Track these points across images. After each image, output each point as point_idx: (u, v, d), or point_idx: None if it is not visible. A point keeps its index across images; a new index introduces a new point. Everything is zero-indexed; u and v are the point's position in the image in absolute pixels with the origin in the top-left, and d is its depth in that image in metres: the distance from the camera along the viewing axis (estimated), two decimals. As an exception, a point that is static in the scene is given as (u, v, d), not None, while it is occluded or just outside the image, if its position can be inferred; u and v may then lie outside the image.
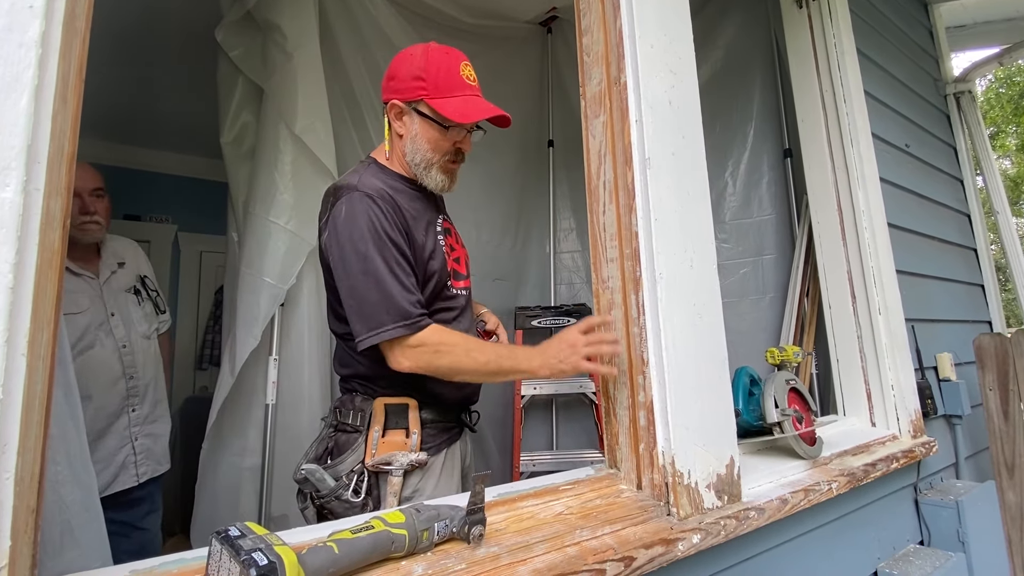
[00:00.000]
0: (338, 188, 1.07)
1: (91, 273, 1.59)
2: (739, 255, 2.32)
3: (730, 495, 0.97)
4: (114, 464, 1.55)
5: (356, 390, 1.13)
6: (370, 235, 1.00)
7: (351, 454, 1.07)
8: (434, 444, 1.12)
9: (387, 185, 1.09)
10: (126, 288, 1.68)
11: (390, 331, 0.99)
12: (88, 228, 1.56)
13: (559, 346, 1.01)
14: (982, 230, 2.43)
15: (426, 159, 1.12)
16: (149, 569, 0.62)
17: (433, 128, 1.10)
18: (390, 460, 1.04)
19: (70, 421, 0.68)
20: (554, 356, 1.00)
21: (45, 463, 0.56)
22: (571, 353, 0.99)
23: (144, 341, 1.67)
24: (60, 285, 0.59)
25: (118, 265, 1.69)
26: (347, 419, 1.11)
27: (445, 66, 1.09)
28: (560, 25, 2.82)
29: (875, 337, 1.59)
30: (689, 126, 1.07)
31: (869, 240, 1.63)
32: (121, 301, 1.64)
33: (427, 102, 1.08)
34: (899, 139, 2.01)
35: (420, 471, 1.08)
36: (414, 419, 1.09)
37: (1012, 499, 1.70)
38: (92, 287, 1.58)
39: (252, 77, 1.91)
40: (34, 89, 0.54)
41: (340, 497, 1.03)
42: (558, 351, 1.00)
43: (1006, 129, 9.88)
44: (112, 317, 1.59)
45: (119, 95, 2.89)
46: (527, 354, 1.03)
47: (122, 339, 1.59)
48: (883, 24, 2.12)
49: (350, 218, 1.02)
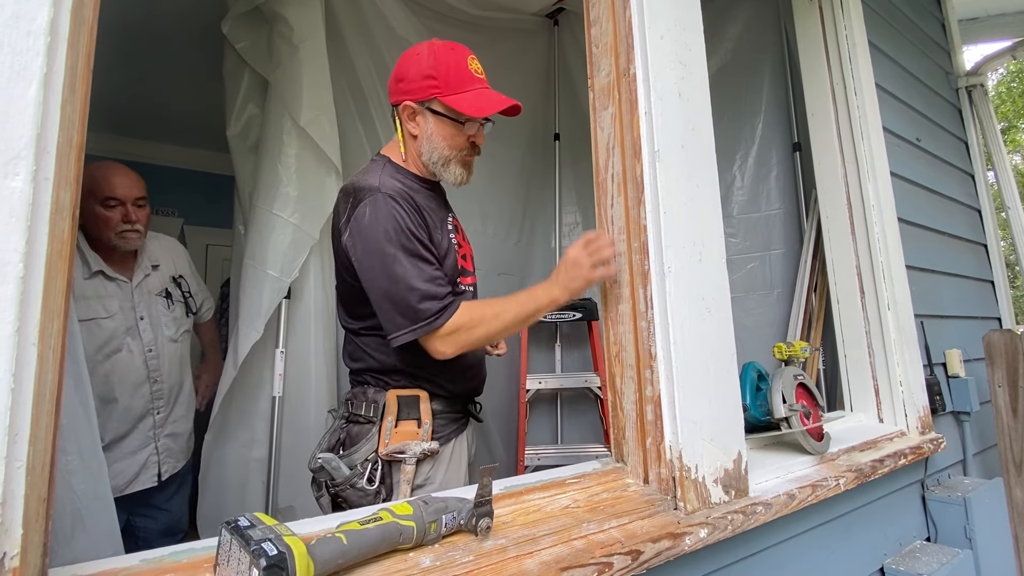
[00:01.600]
0: (358, 189, 1.07)
1: (125, 277, 1.59)
2: (747, 250, 2.30)
3: (737, 490, 0.96)
4: (135, 464, 1.56)
5: (368, 383, 1.15)
6: (396, 236, 1.02)
7: (365, 443, 1.09)
8: (444, 434, 1.15)
9: (405, 186, 1.10)
10: (157, 291, 1.68)
11: (424, 326, 1.02)
12: (128, 236, 1.56)
13: (567, 269, 1.05)
14: (993, 226, 2.40)
15: (444, 156, 1.13)
16: (159, 558, 0.63)
17: (448, 125, 1.11)
18: (403, 449, 1.07)
19: (81, 411, 0.69)
20: (566, 279, 1.05)
21: (56, 453, 0.56)
22: (579, 270, 1.03)
23: (171, 344, 1.67)
24: (70, 275, 0.59)
25: (152, 268, 1.68)
26: (360, 411, 1.13)
27: (454, 62, 1.09)
28: (567, 17, 2.80)
29: (883, 333, 1.57)
30: (699, 118, 1.06)
31: (879, 235, 1.61)
32: (151, 304, 1.64)
33: (441, 100, 1.09)
34: (910, 133, 1.98)
35: (431, 460, 1.11)
36: (425, 410, 1.12)
37: (1020, 496, 1.69)
38: (124, 291, 1.58)
39: (258, 69, 1.91)
40: (43, 78, 0.54)
41: (355, 485, 1.06)
42: (567, 273, 1.05)
43: (1018, 124, 9.76)
44: (141, 321, 1.59)
45: (125, 87, 2.89)
46: (543, 290, 1.07)
47: (149, 343, 1.60)
48: (895, 16, 2.08)
49: (375, 220, 1.02)
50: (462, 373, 1.18)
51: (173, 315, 1.69)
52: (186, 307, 1.76)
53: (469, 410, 1.25)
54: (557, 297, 1.06)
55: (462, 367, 1.17)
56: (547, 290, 1.07)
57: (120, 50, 2.49)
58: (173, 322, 1.69)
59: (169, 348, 1.66)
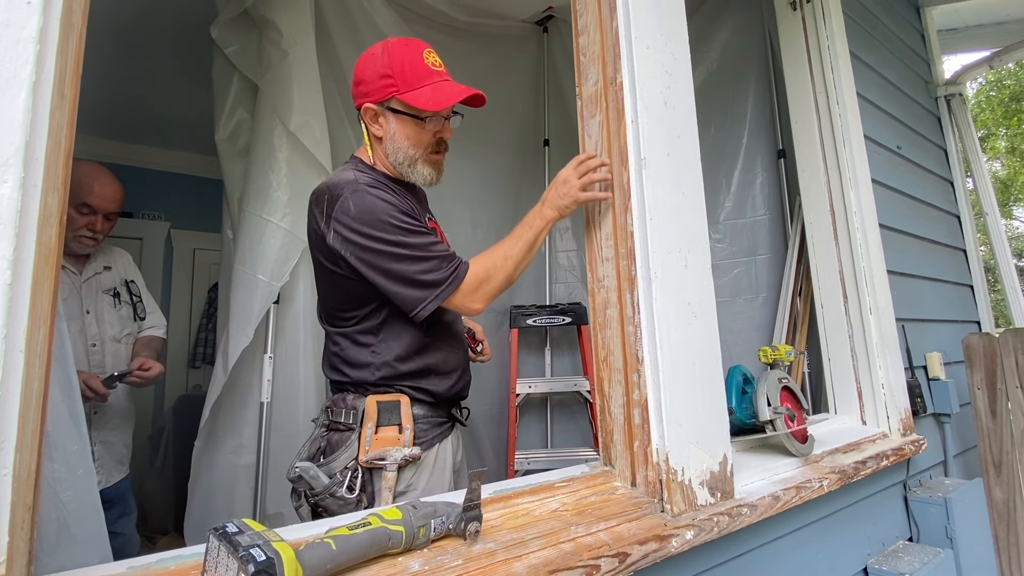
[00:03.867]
0: (333, 187, 1.07)
1: (74, 269, 1.59)
2: (733, 255, 2.34)
3: (723, 492, 0.98)
4: None
5: (348, 389, 1.14)
6: (389, 218, 1.03)
7: (344, 451, 1.07)
8: (426, 439, 1.13)
9: (380, 182, 1.10)
10: (105, 289, 1.67)
11: (447, 288, 1.04)
12: (84, 242, 1.56)
13: (556, 188, 1.07)
14: (971, 231, 2.46)
15: (408, 156, 1.12)
16: (147, 565, 0.63)
17: (410, 123, 1.10)
18: (384, 455, 1.05)
19: (68, 418, 0.68)
20: (555, 197, 1.07)
21: (42, 460, 0.56)
22: (568, 190, 1.06)
23: (113, 343, 1.65)
24: (56, 281, 0.59)
25: (104, 268, 1.68)
26: (339, 418, 1.11)
27: (409, 58, 1.09)
28: (556, 24, 2.82)
29: (866, 336, 1.60)
30: (684, 126, 1.08)
31: (861, 241, 1.64)
32: (98, 300, 1.64)
33: (398, 98, 1.08)
34: (891, 141, 2.03)
35: (413, 466, 1.09)
36: (406, 415, 1.10)
37: (999, 496, 1.73)
38: (72, 282, 1.58)
39: (247, 74, 1.91)
40: (32, 85, 0.54)
41: (334, 494, 1.04)
42: (556, 192, 1.07)
43: (996, 132, 9.99)
44: (87, 315, 1.58)
45: (112, 91, 2.87)
46: (536, 215, 1.09)
47: (93, 337, 1.59)
48: (876, 27, 2.14)
49: (361, 210, 1.02)
50: (445, 377, 1.16)
51: (119, 314, 1.69)
52: (134, 311, 1.74)
53: (453, 415, 1.23)
54: (549, 216, 1.08)
55: (445, 371, 1.16)
56: (539, 213, 1.09)
57: (106, 52, 2.47)
58: (119, 321, 1.68)
59: (112, 347, 1.64)
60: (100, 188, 1.54)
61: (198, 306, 4.13)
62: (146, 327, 1.81)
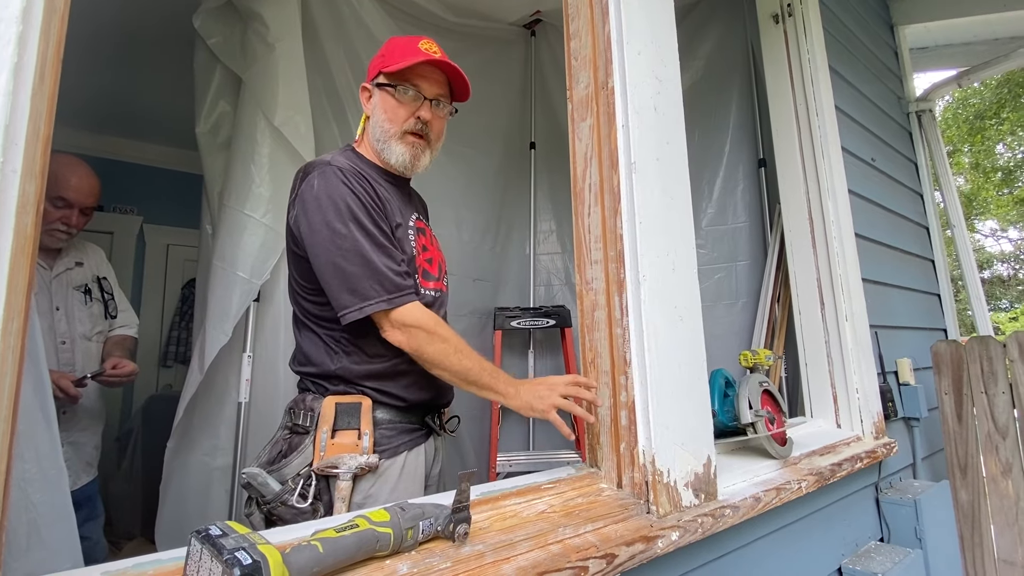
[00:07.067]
0: (308, 165, 1.06)
1: (45, 264, 1.54)
2: (714, 260, 2.38)
3: (707, 493, 0.99)
4: None
5: (309, 388, 1.07)
6: (346, 209, 0.98)
7: (297, 456, 1.00)
8: (390, 447, 1.04)
9: (362, 170, 1.07)
10: (76, 285, 1.62)
11: (376, 304, 0.97)
12: (56, 235, 1.51)
13: (539, 387, 0.99)
14: (939, 242, 2.56)
15: (385, 131, 1.10)
16: (123, 570, 0.60)
17: (389, 96, 1.10)
18: (337, 464, 0.97)
19: (40, 417, 0.65)
20: (531, 393, 0.98)
21: (12, 460, 0.54)
22: (549, 393, 0.97)
23: (84, 341, 1.60)
24: (32, 273, 0.57)
25: (76, 264, 1.63)
26: (299, 420, 1.04)
27: (403, 42, 1.12)
28: (544, 28, 2.84)
29: (842, 342, 1.65)
30: (673, 132, 1.09)
31: (838, 249, 1.69)
32: (68, 297, 1.59)
33: (382, 72, 1.11)
34: (866, 153, 2.10)
35: (372, 475, 1.01)
36: (367, 419, 1.02)
37: (964, 498, 1.79)
38: (42, 276, 1.52)
39: (231, 66, 1.86)
40: (13, 67, 0.52)
41: (286, 503, 0.96)
42: (537, 390, 0.98)
43: (961, 148, 10.42)
44: (56, 312, 1.53)
45: (84, 78, 2.77)
46: (508, 380, 1.01)
47: (63, 335, 1.54)
48: (853, 43, 2.21)
49: (324, 192, 0.99)
50: (419, 379, 1.07)
51: (90, 311, 1.64)
52: (105, 308, 1.69)
53: (428, 422, 1.14)
54: (511, 397, 0.98)
55: (419, 371, 1.05)
56: (509, 383, 1.00)
57: (81, 40, 2.38)
58: (89, 318, 1.63)
59: (82, 345, 1.60)
60: (77, 181, 1.50)
61: (171, 303, 4.01)
62: (117, 326, 1.75)
